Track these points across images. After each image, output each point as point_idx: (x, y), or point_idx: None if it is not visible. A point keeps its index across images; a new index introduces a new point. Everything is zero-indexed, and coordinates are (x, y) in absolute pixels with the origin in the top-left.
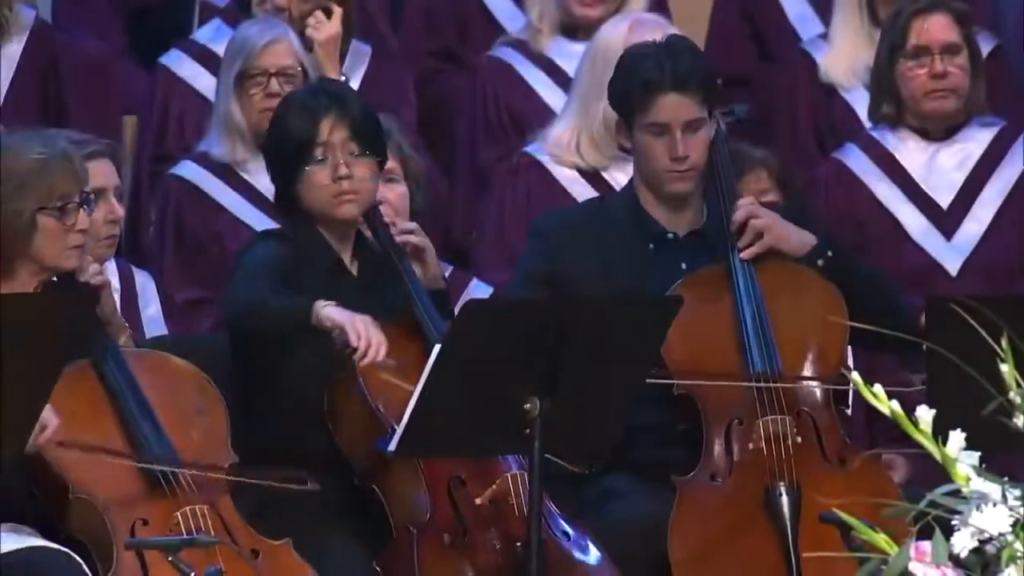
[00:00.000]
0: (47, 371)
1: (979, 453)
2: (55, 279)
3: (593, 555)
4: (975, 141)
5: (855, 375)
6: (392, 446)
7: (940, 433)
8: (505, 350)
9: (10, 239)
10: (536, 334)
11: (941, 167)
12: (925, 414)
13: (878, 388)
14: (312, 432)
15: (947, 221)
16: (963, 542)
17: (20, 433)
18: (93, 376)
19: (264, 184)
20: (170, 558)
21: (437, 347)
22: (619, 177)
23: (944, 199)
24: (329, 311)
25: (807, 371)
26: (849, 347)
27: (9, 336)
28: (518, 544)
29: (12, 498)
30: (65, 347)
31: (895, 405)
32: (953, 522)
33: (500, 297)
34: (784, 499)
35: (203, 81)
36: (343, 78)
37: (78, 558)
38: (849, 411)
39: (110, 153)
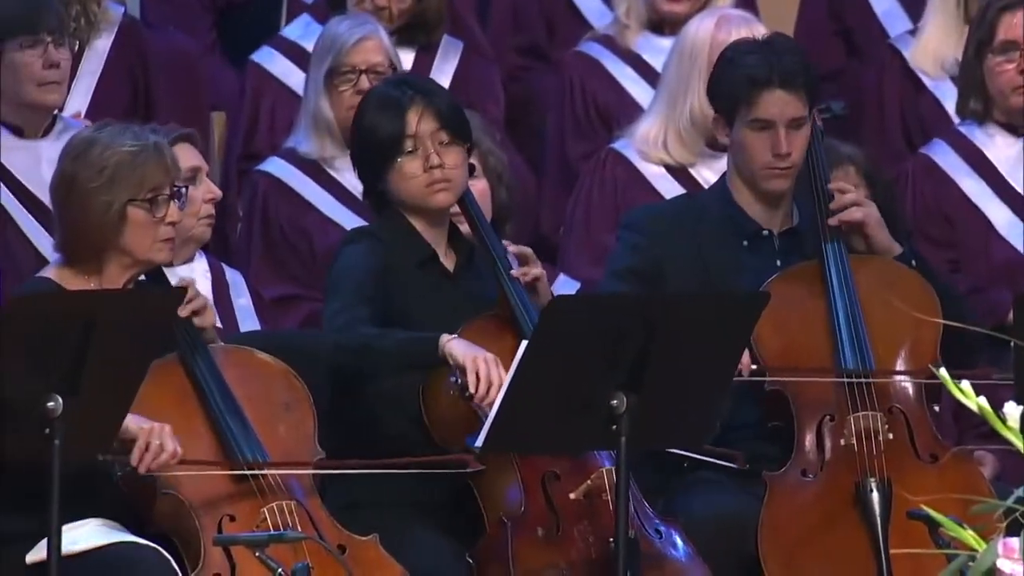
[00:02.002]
0: (135, 366)
1: None
2: (143, 276)
3: (683, 551)
4: None
5: (943, 371)
6: (479, 442)
7: None
8: (592, 346)
9: (100, 231)
10: (623, 330)
11: None
12: (1013, 410)
13: (966, 384)
14: (401, 426)
15: None
16: None
17: (108, 427)
18: (180, 371)
19: (352, 181)
20: (258, 554)
21: (524, 343)
22: (706, 174)
23: None
24: (454, 346)
25: (900, 368)
26: None
27: (99, 332)
28: (611, 539)
29: (102, 494)
30: (152, 343)
31: (983, 401)
32: None
33: (588, 293)
34: (874, 495)
35: (293, 77)
36: None
37: (167, 554)
38: (937, 408)
39: (193, 139)
